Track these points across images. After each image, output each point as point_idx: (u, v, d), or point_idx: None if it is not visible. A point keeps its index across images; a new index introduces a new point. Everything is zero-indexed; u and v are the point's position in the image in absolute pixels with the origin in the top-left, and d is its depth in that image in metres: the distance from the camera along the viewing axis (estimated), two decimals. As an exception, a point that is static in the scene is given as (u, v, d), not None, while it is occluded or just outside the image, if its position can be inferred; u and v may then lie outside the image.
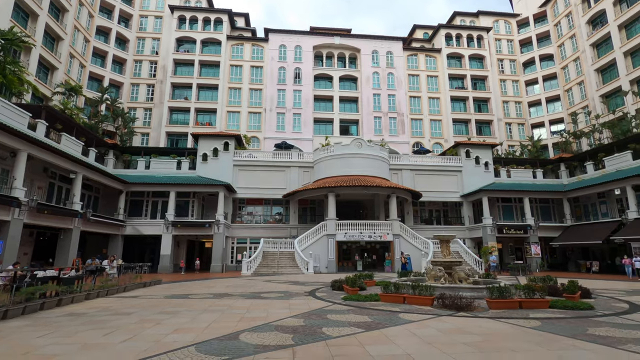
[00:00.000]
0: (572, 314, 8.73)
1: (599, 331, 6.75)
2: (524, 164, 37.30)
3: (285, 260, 27.56)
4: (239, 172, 33.15)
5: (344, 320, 7.86)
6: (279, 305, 10.19)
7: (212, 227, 28.67)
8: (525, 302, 9.54)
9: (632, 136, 30.44)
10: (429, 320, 7.90)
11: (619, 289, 15.47)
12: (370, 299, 11.00)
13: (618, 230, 26.40)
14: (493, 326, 7.24)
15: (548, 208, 34.46)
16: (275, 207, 35.07)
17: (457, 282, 13.15)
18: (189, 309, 9.54)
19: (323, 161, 32.21)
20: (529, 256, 30.58)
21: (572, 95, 44.98)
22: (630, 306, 10.06)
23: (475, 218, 33.62)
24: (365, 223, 28.66)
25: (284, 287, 15.56)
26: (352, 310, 9.26)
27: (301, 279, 20.38)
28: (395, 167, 34.21)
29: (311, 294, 12.97)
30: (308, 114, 44.25)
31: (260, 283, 17.86)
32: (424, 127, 46.12)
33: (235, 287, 15.55)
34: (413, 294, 10.39)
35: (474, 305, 9.49)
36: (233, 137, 33.88)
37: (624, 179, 26.62)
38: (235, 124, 43.46)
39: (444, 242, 14.17)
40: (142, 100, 43.10)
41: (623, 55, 37.34)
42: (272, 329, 6.93)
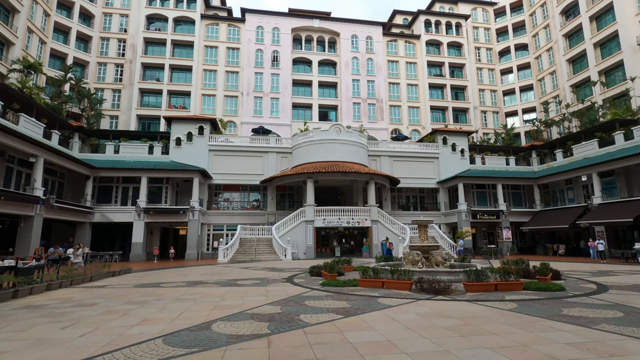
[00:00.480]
0: (545, 295, 8.91)
1: (573, 312, 6.86)
2: (498, 151, 38.23)
3: (263, 247, 27.21)
4: (214, 157, 32.14)
5: (322, 306, 7.65)
6: (256, 292, 9.87)
7: (186, 214, 27.80)
8: (500, 284, 9.67)
9: (599, 125, 31.67)
10: (408, 304, 7.82)
11: (584, 270, 16.15)
12: (348, 285, 10.87)
13: (583, 215, 27.64)
14: (471, 309, 7.23)
15: (519, 194, 35.63)
16: (253, 193, 34.45)
17: (434, 267, 13.26)
18: (159, 298, 9.06)
19: (301, 147, 31.72)
20: (501, 240, 31.63)
21: (544, 84, 46.24)
22: (597, 287, 10.42)
23: (450, 204, 34.32)
24: (343, 209, 28.63)
25: (261, 274, 15.25)
26: (331, 296, 9.08)
27: (279, 266, 20.14)
28: (373, 154, 34.19)
29: (289, 280, 12.73)
30: (286, 98, 43.33)
31: (237, 270, 17.47)
32: (403, 114, 46.27)
33: (210, 275, 15.10)
34: (391, 279, 10.33)
35: (451, 288, 9.53)
36: (208, 121, 32.70)
37: (590, 166, 27.74)
38: (211, 107, 42.00)
39: (422, 227, 14.22)
40: (110, 80, 40.73)
41: (593, 46, 38.51)
42: (247, 317, 6.61)
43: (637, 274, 14.20)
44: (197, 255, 27.55)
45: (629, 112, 31.09)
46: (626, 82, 34.31)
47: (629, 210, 24.13)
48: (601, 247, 22.16)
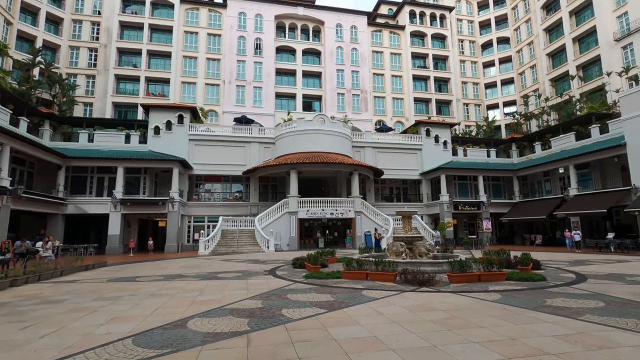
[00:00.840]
0: (527, 285, 8.96)
1: (556, 302, 6.86)
2: (480, 143, 38.76)
3: (246, 239, 26.77)
4: (195, 147, 31.23)
5: (305, 300, 7.40)
6: (236, 286, 9.53)
7: (165, 205, 26.98)
8: (484, 275, 9.68)
9: (576, 118, 32.46)
10: (392, 297, 7.67)
11: (561, 259, 16.54)
12: (332, 276, 10.68)
13: (560, 206, 28.40)
14: (457, 301, 7.14)
15: (499, 186, 36.32)
16: (235, 184, 33.81)
17: (417, 257, 13.23)
18: (134, 293, 8.60)
19: (285, 137, 31.20)
20: (481, 231, 32.26)
21: (524, 78, 47.03)
22: (576, 276, 10.59)
23: (433, 195, 34.67)
24: (327, 200, 28.44)
25: (242, 267, 14.90)
26: (314, 289, 8.84)
27: (261, 258, 19.81)
28: (357, 145, 34.02)
29: (271, 272, 12.44)
30: (269, 87, 42.50)
31: (218, 262, 17.04)
32: (387, 105, 46.22)
33: (190, 268, 14.63)
34: (376, 271, 10.19)
35: (435, 279, 9.46)
36: (188, 109, 31.66)
37: (567, 159, 28.45)
38: (191, 96, 40.74)
39: (406, 218, 14.14)
40: (83, 66, 38.82)
41: (572, 41, 39.28)
42: (226, 313, 6.28)
43: (611, 263, 14.62)
44: (177, 248, 26.87)
45: (604, 106, 31.97)
46: (602, 77, 35.23)
47: (603, 201, 24.93)
48: (577, 237, 22.79)
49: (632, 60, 33.34)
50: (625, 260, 15.92)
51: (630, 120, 23.91)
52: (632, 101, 23.95)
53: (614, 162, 26.43)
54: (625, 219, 26.35)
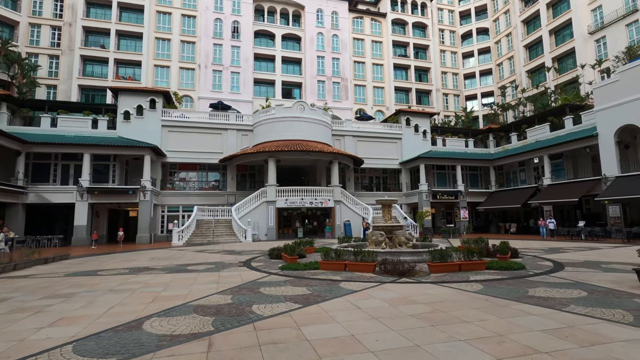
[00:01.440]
0: (508, 274, 8.80)
1: (539, 292, 6.65)
2: (458, 133, 39.08)
3: (222, 229, 25.96)
4: (168, 133, 29.83)
5: (279, 294, 6.90)
6: (206, 279, 8.91)
7: (136, 194, 25.70)
8: (464, 264, 9.47)
9: (551, 110, 33.12)
10: (372, 289, 7.28)
11: (536, 247, 16.78)
12: (309, 268, 10.22)
13: (534, 195, 29.06)
14: (438, 292, 6.82)
15: (476, 175, 36.85)
16: (212, 173, 32.71)
17: (397, 247, 12.98)
18: (92, 289, 7.84)
19: (263, 124, 30.26)
20: (458, 220, 32.70)
21: (502, 69, 47.63)
22: (554, 264, 10.59)
23: (412, 184, 34.78)
24: (306, 189, 27.90)
25: (216, 258, 14.23)
26: (290, 281, 8.35)
27: (238, 248, 19.17)
28: (337, 133, 33.52)
29: (246, 264, 11.86)
30: (248, 73, 41.14)
31: (191, 254, 16.28)
32: (367, 94, 45.80)
33: (159, 260, 13.83)
34: (355, 261, 9.80)
35: (415, 269, 9.17)
36: (161, 93, 30.10)
37: (542, 149, 29.02)
38: (165, 80, 38.88)
39: (386, 207, 13.83)
40: (45, 45, 36.17)
41: (548, 33, 39.89)
42: (190, 310, 5.68)
43: (584, 250, 14.90)
44: (149, 239, 25.74)
45: (578, 98, 32.72)
46: (576, 70, 36.03)
47: (574, 191, 25.62)
48: (552, 225, 23.29)
49: (604, 53, 34.18)
50: (596, 247, 16.30)
51: (603, 111, 24.47)
52: (604, 93, 24.47)
53: (586, 152, 27.15)
54: (595, 208, 27.22)
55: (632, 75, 22.79)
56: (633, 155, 24.41)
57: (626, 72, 23.24)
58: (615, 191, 22.62)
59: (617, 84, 23.77)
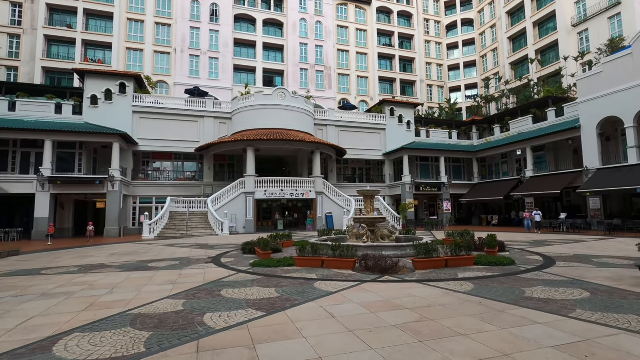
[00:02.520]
0: (498, 270, 8.09)
1: (537, 292, 5.91)
2: (442, 124, 38.66)
3: (197, 221, 24.66)
4: (140, 120, 28.06)
5: (242, 297, 5.91)
6: (164, 278, 7.83)
7: (104, 185, 24.02)
8: (451, 260, 8.71)
9: (534, 102, 33.01)
10: (350, 290, 6.39)
11: (521, 240, 16.36)
12: (283, 264, 9.26)
13: (517, 187, 28.94)
14: (425, 293, 5.99)
15: (459, 167, 36.61)
16: (188, 163, 31.17)
17: (380, 240, 12.18)
18: (22, 293, 6.64)
19: (242, 112, 28.86)
20: (441, 212, 32.39)
21: (486, 61, 47.44)
22: (543, 259, 9.99)
23: (395, 176, 34.21)
24: (287, 180, 26.82)
25: (185, 253, 13.09)
26: (258, 280, 7.37)
27: (212, 242, 18.04)
28: (320, 123, 32.46)
29: (215, 260, 10.80)
30: (227, 59, 39.38)
31: (159, 248, 15.06)
32: (351, 83, 44.79)
33: (121, 256, 12.58)
34: (333, 257, 8.89)
35: (399, 266, 8.35)
36: (132, 77, 28.18)
37: (524, 141, 28.85)
38: (138, 64, 36.73)
39: (368, 198, 12.97)
40: (4, 23, 33.37)
41: (533, 25, 39.73)
42: (126, 322, 4.63)
43: (569, 243, 14.53)
44: (119, 232, 24.19)
45: (560, 90, 32.71)
46: (559, 62, 36.04)
47: (556, 183, 25.53)
48: (538, 218, 22.77)
49: (587, 46, 34.24)
50: (580, 240, 16.01)
51: (586, 103, 24.30)
52: (588, 84, 24.28)
53: (568, 145, 27.11)
54: (575, 200, 27.34)
55: (615, 67, 22.61)
56: (614, 148, 24.43)
57: (610, 64, 23.05)
58: (596, 183, 22.57)
59: (600, 76, 23.59)
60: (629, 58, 21.97)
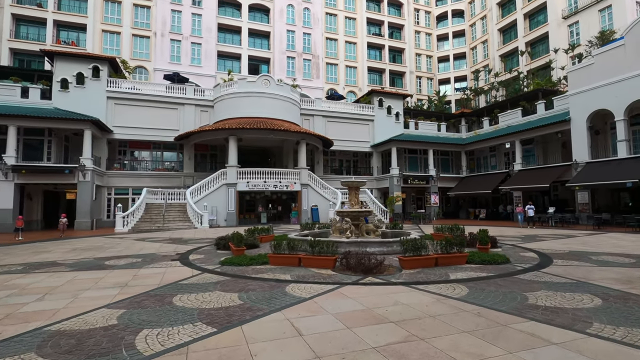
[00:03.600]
0: (493, 270, 7.31)
1: (541, 298, 5.12)
2: (431, 116, 37.99)
3: (175, 214, 23.43)
4: (116, 106, 26.46)
5: (196, 306, 4.94)
6: (114, 280, 6.77)
7: (75, 174, 22.50)
8: (442, 258, 7.89)
9: (523, 94, 32.57)
10: (326, 295, 5.48)
11: (512, 235, 15.78)
12: (257, 262, 8.31)
13: (505, 181, 28.53)
14: (413, 300, 5.12)
15: (448, 160, 36.09)
16: (168, 152, 29.80)
17: (364, 235, 11.33)
18: None
19: (225, 100, 27.52)
20: (429, 205, 31.86)
21: (476, 53, 46.85)
22: (539, 256, 9.27)
23: (383, 169, 33.47)
24: (270, 171, 25.72)
25: (154, 248, 12.00)
26: (223, 283, 6.40)
27: (188, 235, 16.94)
28: (306, 112, 31.34)
29: (183, 257, 9.76)
30: (210, 45, 37.72)
31: (128, 243, 13.90)
32: (339, 73, 43.66)
33: (82, 251, 11.42)
34: (311, 255, 7.98)
35: (384, 265, 7.49)
36: (106, 60, 26.46)
37: (513, 134, 28.38)
38: (115, 48, 34.79)
39: (353, 190, 12.08)
40: (-33, -1, 30.98)
41: (523, 16, 39.18)
42: (32, 345, 3.59)
43: (561, 239, 13.97)
44: (91, 224, 22.78)
45: (550, 83, 32.31)
46: (549, 55, 35.63)
47: (545, 176, 25.15)
48: (532, 212, 21.30)
49: (577, 39, 33.86)
50: (572, 235, 15.51)
51: (576, 95, 23.85)
52: (579, 76, 23.81)
53: (556, 138, 26.74)
54: (563, 194, 27.10)
55: (607, 59, 22.13)
56: (603, 142, 24.11)
57: (602, 55, 22.56)
58: (585, 177, 22.22)
59: (592, 68, 23.12)
60: (621, 50, 21.51)
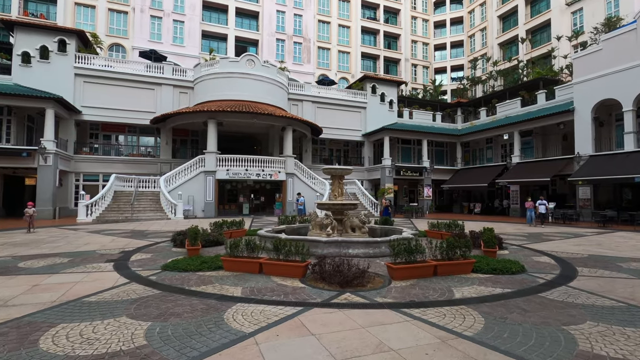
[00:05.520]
0: (508, 283, 5.66)
1: (594, 339, 3.45)
2: (426, 105, 36.28)
3: (147, 203, 21.48)
4: (85, 85, 24.19)
5: (66, 352, 3.16)
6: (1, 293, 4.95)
7: (34, 158, 20.35)
8: (442, 265, 6.21)
9: (523, 83, 31.02)
10: (279, 327, 3.75)
11: (512, 232, 14.26)
12: (208, 266, 6.55)
13: (502, 174, 27.09)
14: (405, 340, 3.43)
15: (442, 152, 34.54)
16: (145, 137, 27.78)
17: (348, 232, 9.63)
18: None
19: (205, 80, 25.41)
20: (422, 198, 30.36)
21: (474, 41, 45.07)
22: (557, 263, 7.67)
23: (375, 159, 31.80)
24: (253, 159, 23.81)
25: (101, 243, 10.15)
26: (143, 301, 4.62)
27: (155, 228, 15.10)
28: (295, 97, 29.38)
29: (123, 257, 7.93)
30: (194, 23, 35.27)
31: (77, 235, 12.01)
32: (332, 58, 41.55)
33: (9, 247, 9.52)
34: (275, 259, 6.24)
35: (368, 274, 5.78)
36: (73, 33, 24.06)
37: (512, 125, 26.87)
38: (90, 23, 32.17)
39: (336, 179, 10.33)
40: None
41: (524, 2, 37.41)
42: None
43: (569, 238, 12.47)
44: (53, 213, 20.72)
45: (551, 72, 30.77)
46: (551, 43, 34.04)
47: (545, 170, 23.72)
48: (543, 208, 18.00)
49: (580, 26, 32.26)
50: (579, 233, 14.04)
51: (582, 84, 22.31)
52: (585, 63, 22.23)
53: (557, 130, 25.31)
54: (561, 189, 25.81)
55: (616, 45, 20.56)
56: (607, 134, 22.71)
57: (610, 41, 20.97)
58: (589, 171, 20.81)
59: (599, 54, 21.54)
60: (632, 34, 19.93)
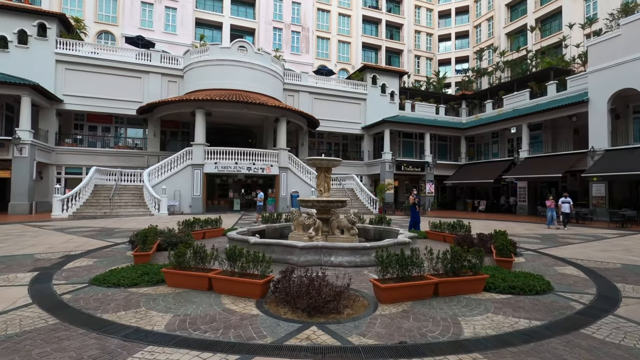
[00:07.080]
0: (533, 309, 4.22)
1: None
2: (429, 98, 34.65)
3: (129, 198, 20.16)
4: (67, 72, 22.84)
5: None
6: None
7: (8, 149, 19.05)
8: (445, 283, 4.79)
9: (532, 74, 29.39)
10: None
11: (522, 233, 12.81)
12: (148, 279, 5.18)
13: (509, 169, 25.58)
14: None
15: (446, 146, 32.99)
16: (132, 128, 26.49)
17: (334, 234, 8.23)
18: None
19: (195, 68, 23.95)
20: (423, 195, 28.87)
21: (480, 32, 43.25)
22: (587, 275, 6.24)
23: (375, 153, 30.32)
24: (243, 152, 22.38)
25: (52, 244, 8.82)
26: (15, 343, 3.23)
27: (129, 225, 13.77)
28: (291, 88, 27.90)
29: (57, 265, 6.56)
30: (187, 10, 33.74)
31: (34, 233, 10.68)
32: (331, 49, 39.93)
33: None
34: (229, 273, 4.84)
35: (346, 297, 4.36)
36: (54, 17, 22.64)
37: (520, 117, 25.31)
38: (76, 9, 30.72)
39: (322, 171, 8.91)
40: None
41: (535, -11, 35.62)
42: None
43: (589, 240, 11.02)
44: (29, 208, 19.43)
45: (562, 62, 29.07)
46: (561, 32, 32.27)
47: (556, 165, 22.18)
48: (567, 207, 15.31)
49: (594, 14, 30.46)
50: (598, 235, 12.57)
51: (597, 72, 20.66)
52: (601, 51, 20.56)
53: (568, 123, 23.72)
54: (572, 185, 24.26)
55: (638, 29, 18.89)
56: (623, 127, 21.10)
57: (630, 25, 19.26)
58: (604, 167, 19.28)
59: (617, 40, 19.87)
60: (656, 18, 18.30)
